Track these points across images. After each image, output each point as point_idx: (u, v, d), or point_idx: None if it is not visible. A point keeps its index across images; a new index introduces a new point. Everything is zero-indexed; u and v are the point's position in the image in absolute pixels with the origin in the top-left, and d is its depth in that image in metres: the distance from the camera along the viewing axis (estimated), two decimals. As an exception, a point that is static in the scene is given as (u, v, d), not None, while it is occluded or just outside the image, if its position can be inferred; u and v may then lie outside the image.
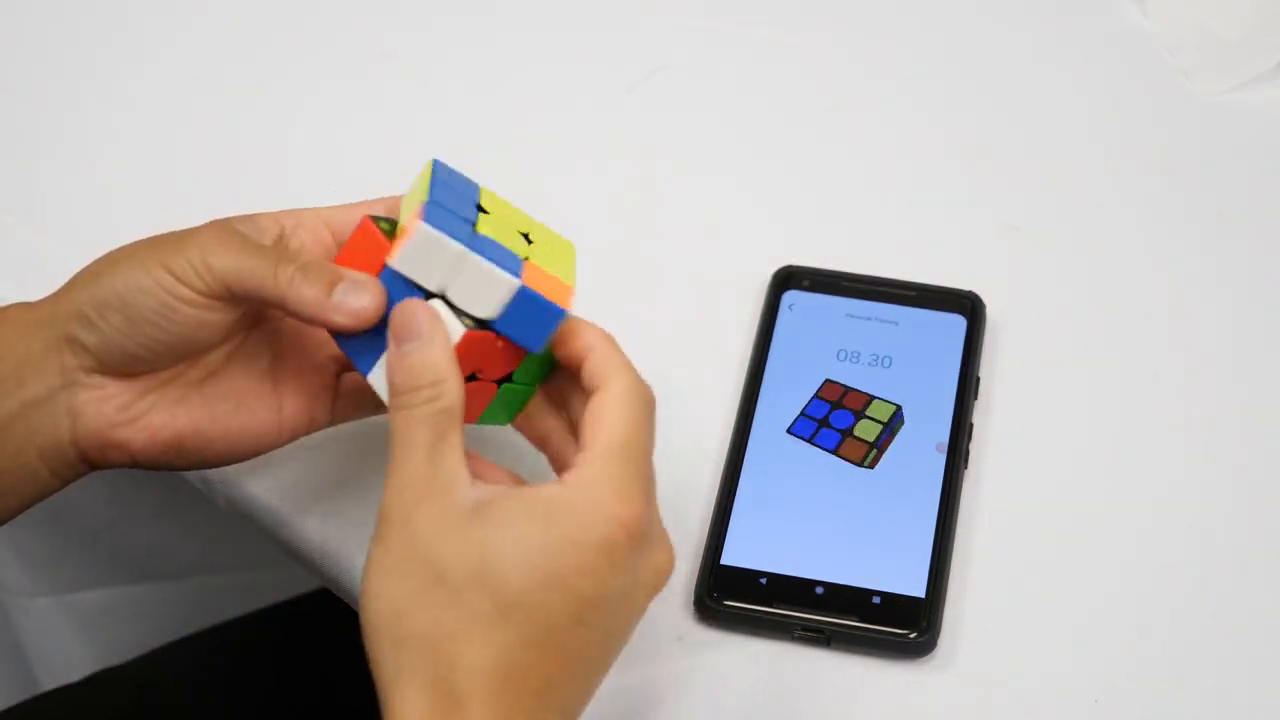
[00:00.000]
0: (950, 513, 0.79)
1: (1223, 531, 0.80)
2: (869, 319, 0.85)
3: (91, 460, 0.73)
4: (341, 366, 0.75)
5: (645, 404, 0.68)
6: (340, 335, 0.71)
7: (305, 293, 0.69)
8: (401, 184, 0.92)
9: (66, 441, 0.72)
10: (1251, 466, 0.82)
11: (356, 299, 0.69)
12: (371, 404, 0.76)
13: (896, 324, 0.85)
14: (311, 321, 0.70)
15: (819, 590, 0.77)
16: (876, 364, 0.83)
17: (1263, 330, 0.87)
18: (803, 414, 0.82)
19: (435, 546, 0.64)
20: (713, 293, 0.88)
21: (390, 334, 0.68)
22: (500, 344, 0.70)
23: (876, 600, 0.76)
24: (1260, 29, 0.95)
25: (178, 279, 0.70)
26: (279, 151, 0.94)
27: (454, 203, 0.71)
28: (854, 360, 0.84)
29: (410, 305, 0.68)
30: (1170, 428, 0.83)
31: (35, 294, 0.89)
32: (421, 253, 0.69)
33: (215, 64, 0.97)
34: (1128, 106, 0.96)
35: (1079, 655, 0.76)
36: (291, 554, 0.81)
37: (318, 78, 0.97)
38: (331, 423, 0.76)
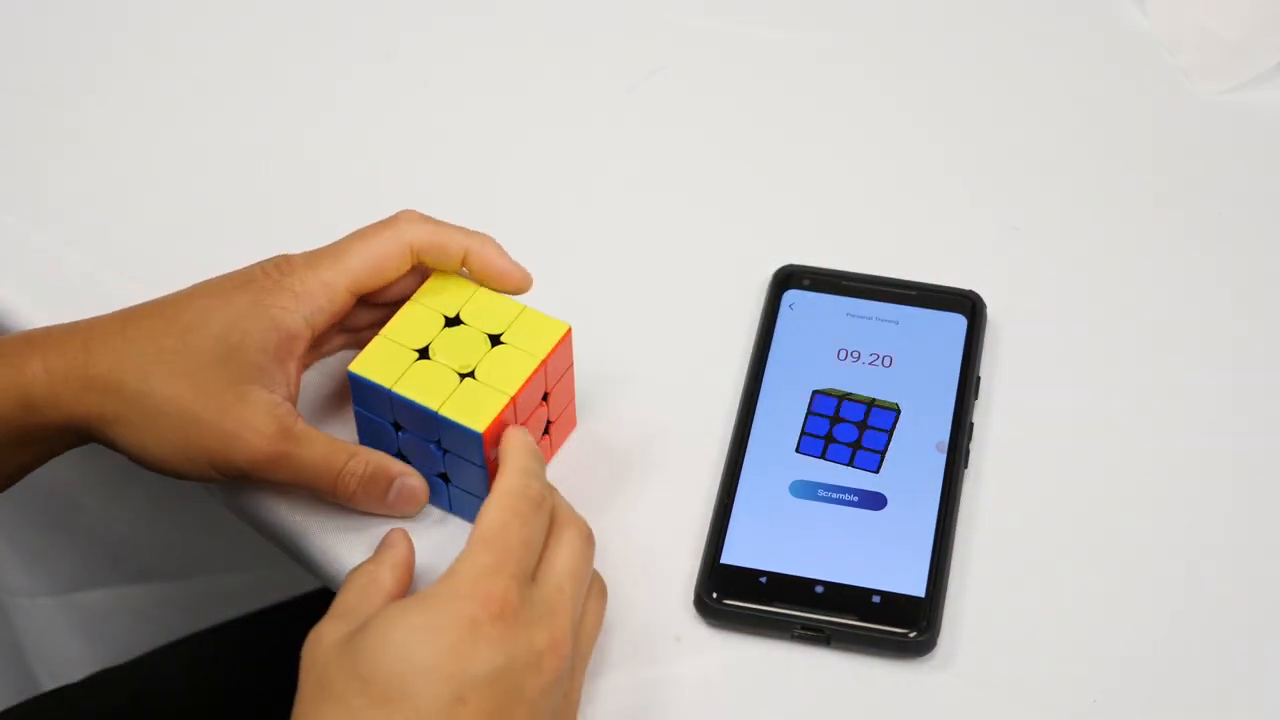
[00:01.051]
0: (950, 512, 0.79)
1: (1222, 531, 0.80)
2: (869, 318, 0.85)
3: None
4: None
5: (525, 500, 0.71)
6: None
7: (366, 504, 0.78)
8: (402, 183, 0.92)
9: None
10: (1252, 466, 0.82)
11: (409, 496, 0.78)
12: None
13: (897, 324, 0.85)
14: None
15: (819, 589, 0.77)
16: (877, 363, 0.83)
17: (1263, 330, 0.87)
18: (805, 433, 0.81)
19: (324, 664, 0.69)
20: (713, 293, 0.88)
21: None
22: (521, 393, 0.76)
23: (876, 600, 0.76)
24: (1260, 29, 0.95)
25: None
26: (279, 151, 0.94)
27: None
28: (854, 360, 0.84)
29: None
30: (1170, 428, 0.83)
31: (35, 294, 0.89)
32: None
33: (215, 65, 0.97)
34: (1128, 106, 0.96)
35: (1079, 655, 0.76)
36: (291, 553, 0.81)
37: (318, 78, 0.97)
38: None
